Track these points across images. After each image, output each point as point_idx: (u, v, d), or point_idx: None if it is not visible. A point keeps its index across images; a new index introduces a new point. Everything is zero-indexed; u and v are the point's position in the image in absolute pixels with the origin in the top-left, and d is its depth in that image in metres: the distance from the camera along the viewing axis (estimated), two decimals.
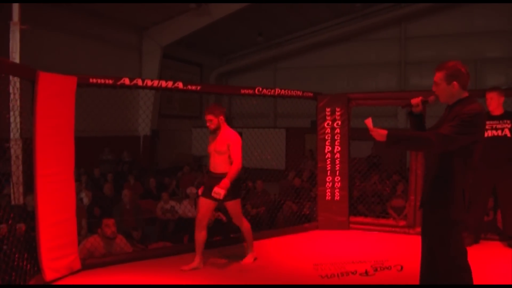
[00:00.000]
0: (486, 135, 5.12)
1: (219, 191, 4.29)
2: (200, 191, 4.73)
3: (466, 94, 2.95)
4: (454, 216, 2.89)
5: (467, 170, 2.92)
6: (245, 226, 4.79)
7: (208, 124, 4.56)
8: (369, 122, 2.90)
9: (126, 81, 4.93)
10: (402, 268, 4.49)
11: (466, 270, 2.92)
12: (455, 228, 2.90)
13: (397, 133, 2.82)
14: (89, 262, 4.52)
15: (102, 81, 4.77)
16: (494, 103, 5.11)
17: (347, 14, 15.60)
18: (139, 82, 5.04)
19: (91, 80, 4.69)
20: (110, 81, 4.83)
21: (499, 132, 5.10)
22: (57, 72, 4.37)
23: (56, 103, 4.24)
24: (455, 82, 2.90)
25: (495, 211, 5.96)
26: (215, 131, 4.59)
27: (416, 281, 3.23)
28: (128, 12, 12.72)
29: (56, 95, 4.24)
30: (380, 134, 2.79)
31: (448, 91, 2.94)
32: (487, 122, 5.14)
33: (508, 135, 5.07)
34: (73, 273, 4.33)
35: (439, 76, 2.96)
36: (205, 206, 4.60)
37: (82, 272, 4.39)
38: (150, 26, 14.10)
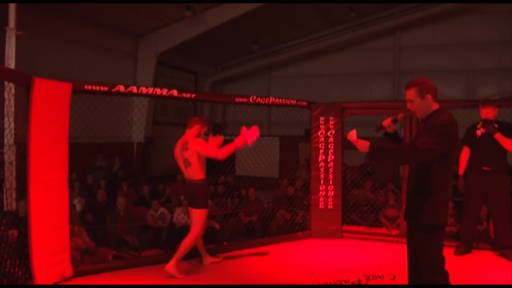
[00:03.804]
0: (478, 133, 5.18)
1: None
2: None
3: (437, 105, 3.08)
4: (436, 221, 2.98)
5: (446, 175, 3.02)
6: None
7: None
8: (353, 134, 3.03)
9: (121, 88, 4.93)
10: (394, 277, 4.51)
11: (445, 275, 3.00)
12: (436, 233, 3.00)
13: (379, 146, 2.96)
14: (81, 269, 4.51)
15: (97, 87, 4.77)
16: (490, 116, 5.12)
17: (342, 23, 15.69)
18: (134, 89, 5.05)
19: (86, 86, 4.69)
20: (105, 88, 4.84)
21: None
22: (52, 79, 4.37)
23: (51, 109, 4.24)
24: (428, 95, 3.03)
25: (488, 220, 5.99)
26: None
27: None
28: (124, 19, 12.74)
29: (51, 102, 4.25)
30: (363, 145, 2.94)
31: (422, 104, 3.05)
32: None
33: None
34: (65, 279, 4.31)
35: (411, 93, 3.06)
36: None
37: (75, 279, 4.37)
38: (146, 33, 14.11)
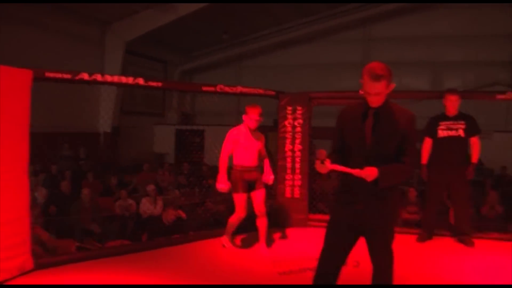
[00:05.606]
0: (442, 135, 5.32)
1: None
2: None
3: None
4: (399, 215, 3.02)
5: None
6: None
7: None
8: (356, 172, 2.72)
9: (85, 76, 4.80)
10: (358, 263, 4.56)
11: None
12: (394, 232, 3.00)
13: (386, 170, 2.70)
14: (42, 262, 4.40)
15: (60, 75, 4.62)
16: (455, 105, 5.31)
17: (313, 14, 15.72)
18: (98, 77, 4.92)
19: (47, 74, 4.54)
20: (68, 76, 4.70)
21: (454, 132, 5.29)
22: (16, 66, 4.21)
23: (9, 97, 4.08)
24: (392, 85, 2.76)
25: (448, 208, 6.19)
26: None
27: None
28: (91, 6, 12.42)
29: (10, 89, 4.08)
30: (370, 175, 2.67)
31: (385, 94, 2.78)
32: (443, 122, 5.35)
33: (462, 135, 5.28)
34: (25, 273, 4.19)
35: (381, 86, 2.69)
36: None
37: (35, 272, 4.25)
38: (114, 21, 13.81)
